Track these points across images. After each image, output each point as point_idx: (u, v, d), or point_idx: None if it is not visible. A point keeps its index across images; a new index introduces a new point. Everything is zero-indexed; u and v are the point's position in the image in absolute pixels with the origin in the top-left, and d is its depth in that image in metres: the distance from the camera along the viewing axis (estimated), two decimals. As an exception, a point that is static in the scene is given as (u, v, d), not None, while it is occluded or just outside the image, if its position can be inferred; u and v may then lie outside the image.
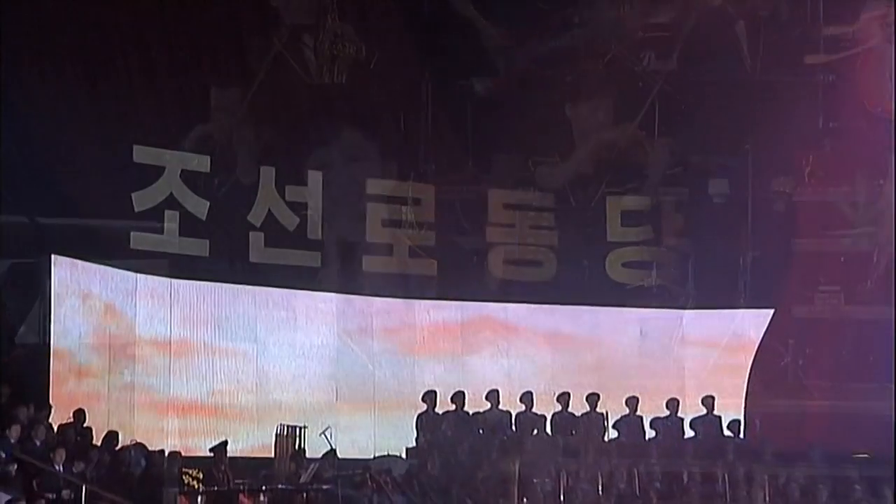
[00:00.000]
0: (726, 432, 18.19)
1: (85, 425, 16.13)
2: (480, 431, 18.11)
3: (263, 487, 16.23)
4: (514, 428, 18.23)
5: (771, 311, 19.09)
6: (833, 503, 16.66)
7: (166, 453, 16.42)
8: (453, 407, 18.32)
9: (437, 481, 16.94)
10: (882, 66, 18.36)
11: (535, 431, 18.14)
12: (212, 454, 16.67)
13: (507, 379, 19.18)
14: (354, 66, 19.44)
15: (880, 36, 18.40)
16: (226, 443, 16.90)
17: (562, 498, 16.75)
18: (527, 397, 18.42)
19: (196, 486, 16.07)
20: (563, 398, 18.43)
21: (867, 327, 18.14)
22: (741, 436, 18.19)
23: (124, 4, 17.74)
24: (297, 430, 17.48)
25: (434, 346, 19.63)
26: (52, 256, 16.70)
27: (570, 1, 19.13)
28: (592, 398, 18.42)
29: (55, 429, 15.64)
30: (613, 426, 18.34)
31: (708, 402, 18.36)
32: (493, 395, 18.42)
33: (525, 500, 16.57)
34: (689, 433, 18.24)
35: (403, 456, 18.08)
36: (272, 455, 17.34)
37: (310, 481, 16.38)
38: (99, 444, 15.98)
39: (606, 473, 17.09)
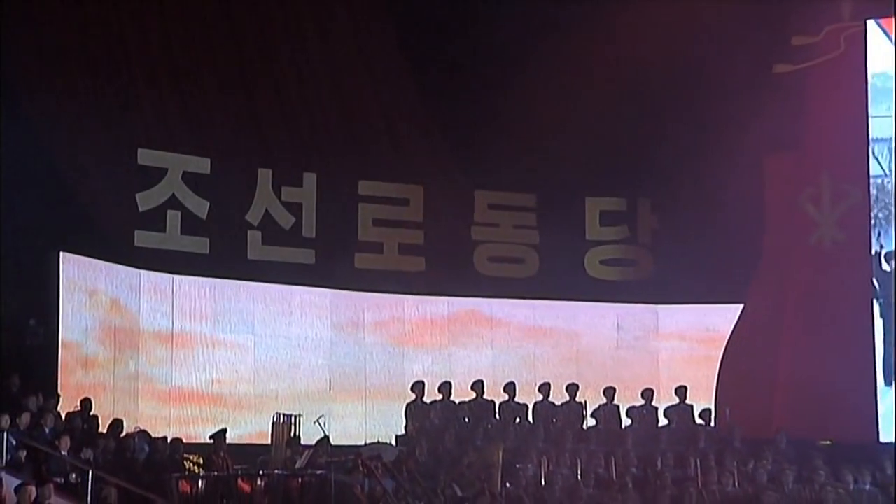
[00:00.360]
0: (698, 420, 18.12)
1: (91, 413, 16.14)
2: (466, 420, 18.11)
3: (260, 473, 16.24)
4: (497, 416, 18.19)
5: (740, 306, 19.13)
6: (798, 487, 16.63)
7: (168, 440, 16.53)
8: (440, 396, 18.28)
9: (425, 467, 16.88)
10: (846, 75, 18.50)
11: (518, 420, 18.10)
12: (211, 441, 16.68)
13: (491, 370, 19.22)
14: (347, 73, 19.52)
15: (843, 47, 18.47)
16: (225, 430, 16.92)
17: (543, 482, 16.74)
18: (510, 387, 18.37)
19: (197, 471, 16.20)
20: (545, 388, 18.40)
21: (832, 321, 18.11)
22: (712, 424, 18.10)
23: (129, 18, 17.71)
24: (293, 418, 17.54)
25: (422, 339, 19.68)
26: (61, 254, 16.71)
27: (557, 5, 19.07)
28: (572, 388, 18.40)
29: (63, 417, 15.66)
30: (592, 415, 18.28)
31: (681, 391, 18.29)
32: (478, 385, 18.37)
33: (508, 484, 16.55)
34: (662, 421, 18.19)
35: (393, 443, 18.03)
36: (269, 442, 17.42)
37: (304, 467, 16.36)
38: (105, 431, 16.00)
39: (585, 459, 17.08)
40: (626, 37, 18.58)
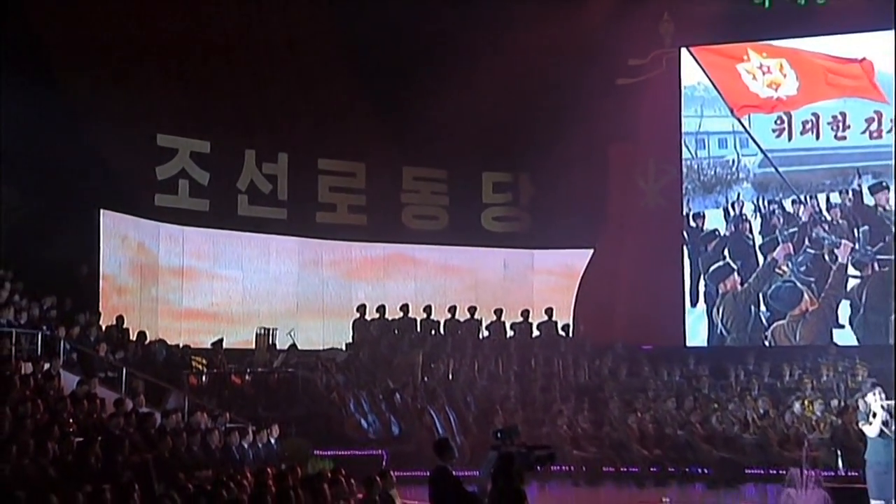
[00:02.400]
0: (560, 332, 18.40)
1: (124, 327, 16.30)
2: (396, 332, 18.29)
3: (248, 370, 16.56)
4: (418, 330, 18.37)
5: (591, 251, 19.35)
6: (629, 379, 17.01)
7: (180, 346, 16.72)
8: (377, 315, 18.44)
9: (366, 366, 17.20)
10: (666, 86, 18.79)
11: (433, 332, 18.35)
12: (212, 347, 16.94)
13: (414, 296, 19.26)
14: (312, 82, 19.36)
15: (664, 66, 18.71)
16: (222, 339, 17.19)
17: (450, 377, 17.06)
18: (427, 309, 18.58)
19: (201, 369, 16.44)
20: (452, 309, 18.58)
21: (654, 261, 18.31)
22: (570, 335, 18.37)
23: (149, 42, 17.49)
24: (271, 330, 17.79)
25: (364, 274, 19.74)
26: (101, 210, 16.84)
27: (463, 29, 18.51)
28: (471, 309, 18.64)
29: (103, 329, 15.83)
30: (486, 328, 18.51)
31: (549, 312, 18.47)
32: (404, 307, 18.55)
33: (426, 378, 16.87)
34: (535, 333, 18.44)
35: (344, 349, 18.17)
36: (253, 348, 17.60)
37: (279, 366, 16.72)
38: (133, 339, 16.15)
39: (480, 360, 17.42)
40: (512, 55, 18.21)
